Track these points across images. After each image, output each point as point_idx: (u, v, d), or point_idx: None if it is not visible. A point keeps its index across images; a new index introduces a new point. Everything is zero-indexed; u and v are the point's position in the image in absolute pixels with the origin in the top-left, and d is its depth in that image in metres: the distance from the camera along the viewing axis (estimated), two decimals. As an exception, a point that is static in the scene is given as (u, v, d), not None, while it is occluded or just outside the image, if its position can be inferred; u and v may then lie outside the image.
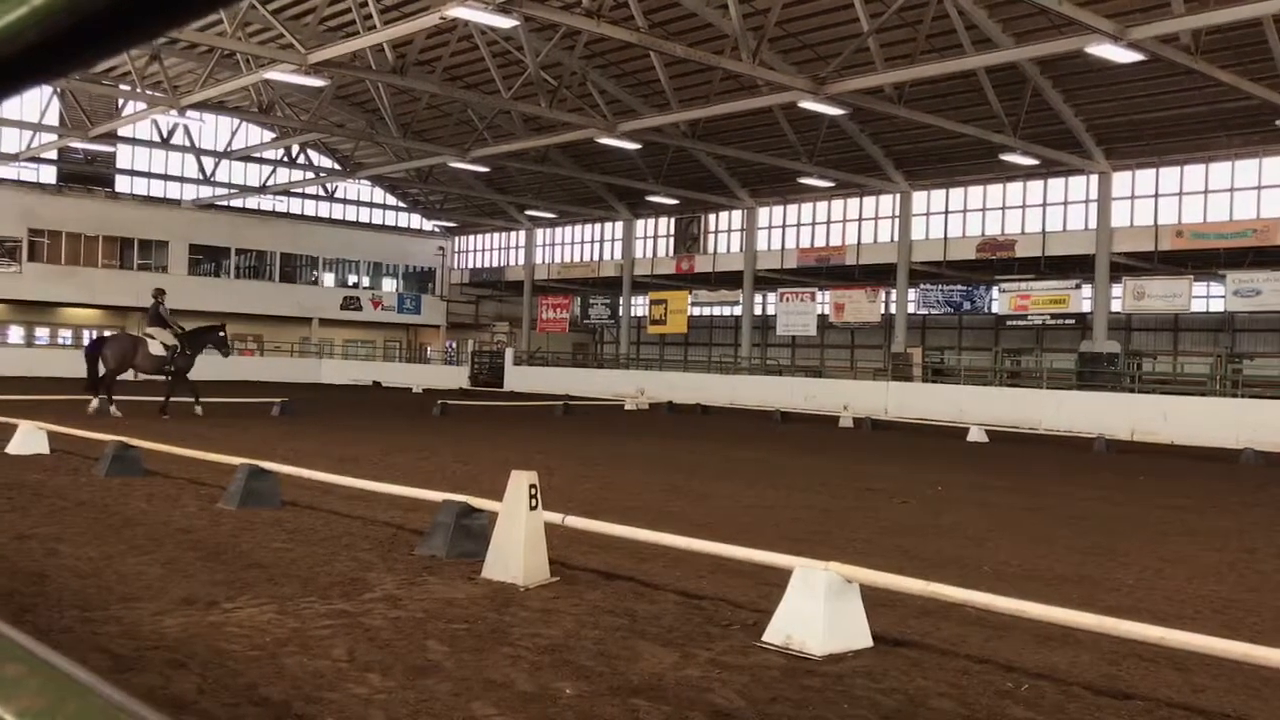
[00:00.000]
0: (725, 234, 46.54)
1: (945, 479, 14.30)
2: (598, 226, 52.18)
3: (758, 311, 46.89)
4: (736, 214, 45.24)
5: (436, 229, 59.19)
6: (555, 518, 6.86)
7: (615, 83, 35.13)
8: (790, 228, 43.86)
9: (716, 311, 50.33)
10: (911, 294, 40.00)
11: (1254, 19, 22.31)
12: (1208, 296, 35.97)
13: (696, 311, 48.98)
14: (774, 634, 5.31)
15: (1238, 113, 28.44)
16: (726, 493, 11.83)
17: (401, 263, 58.27)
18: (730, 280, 45.61)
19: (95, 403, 19.07)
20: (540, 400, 32.26)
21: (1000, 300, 37.84)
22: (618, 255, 50.35)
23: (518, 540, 6.47)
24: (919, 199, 38.99)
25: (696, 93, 30.46)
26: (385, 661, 4.76)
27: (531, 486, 6.57)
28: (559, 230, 54.15)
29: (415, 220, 58.52)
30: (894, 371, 34.99)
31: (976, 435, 23.42)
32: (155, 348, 19.50)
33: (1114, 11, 21.86)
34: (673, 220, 48.20)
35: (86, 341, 28.17)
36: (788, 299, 43.59)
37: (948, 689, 4.71)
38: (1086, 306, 34.96)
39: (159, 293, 20.13)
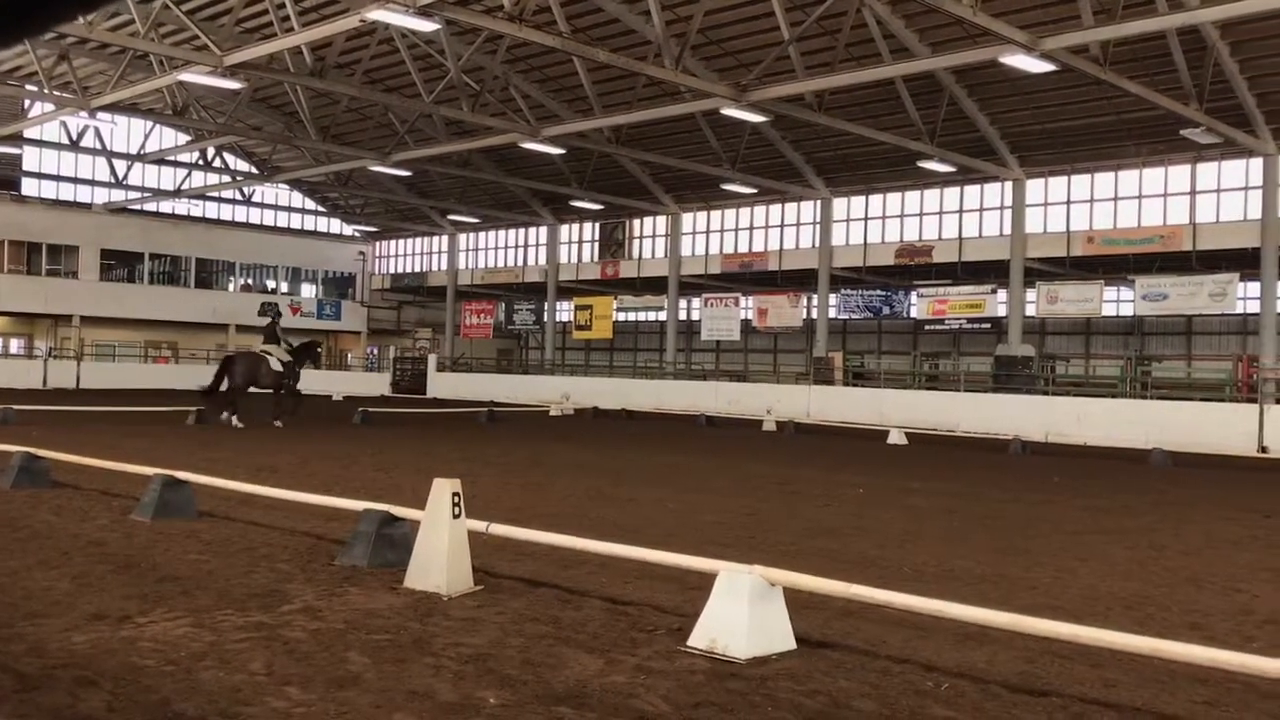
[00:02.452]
0: (650, 239, 46.68)
1: (866, 481, 14.50)
2: (522, 231, 51.96)
3: (682, 317, 47.09)
4: (661, 219, 45.42)
5: (357, 234, 58.44)
6: (479, 526, 6.80)
7: (538, 87, 35.05)
8: (714, 233, 44.15)
9: (641, 317, 50.45)
10: (832, 299, 40.51)
11: (1159, 32, 23.04)
12: (1118, 301, 36.99)
13: (621, 317, 49.03)
14: (699, 638, 5.32)
15: (1145, 122, 29.31)
16: (652, 497, 11.85)
17: (321, 268, 57.41)
18: (655, 285, 45.76)
19: (224, 414, 20.99)
20: (464, 407, 32.00)
21: (919, 305, 38.51)
22: (542, 260, 50.21)
23: (440, 549, 6.41)
24: (839, 205, 39.52)
25: (620, 98, 30.52)
26: (305, 674, 4.68)
27: (454, 495, 6.51)
28: (482, 235, 53.81)
29: (335, 225, 57.73)
30: (816, 375, 35.39)
31: (896, 437, 23.79)
32: (274, 364, 21.67)
33: (1027, 23, 22.40)
34: (597, 225, 48.23)
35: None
36: (712, 304, 43.86)
37: (869, 690, 4.76)
38: (1002, 311, 35.73)
39: (273, 310, 21.02)
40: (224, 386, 21.40)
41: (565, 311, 51.46)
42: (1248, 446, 22.23)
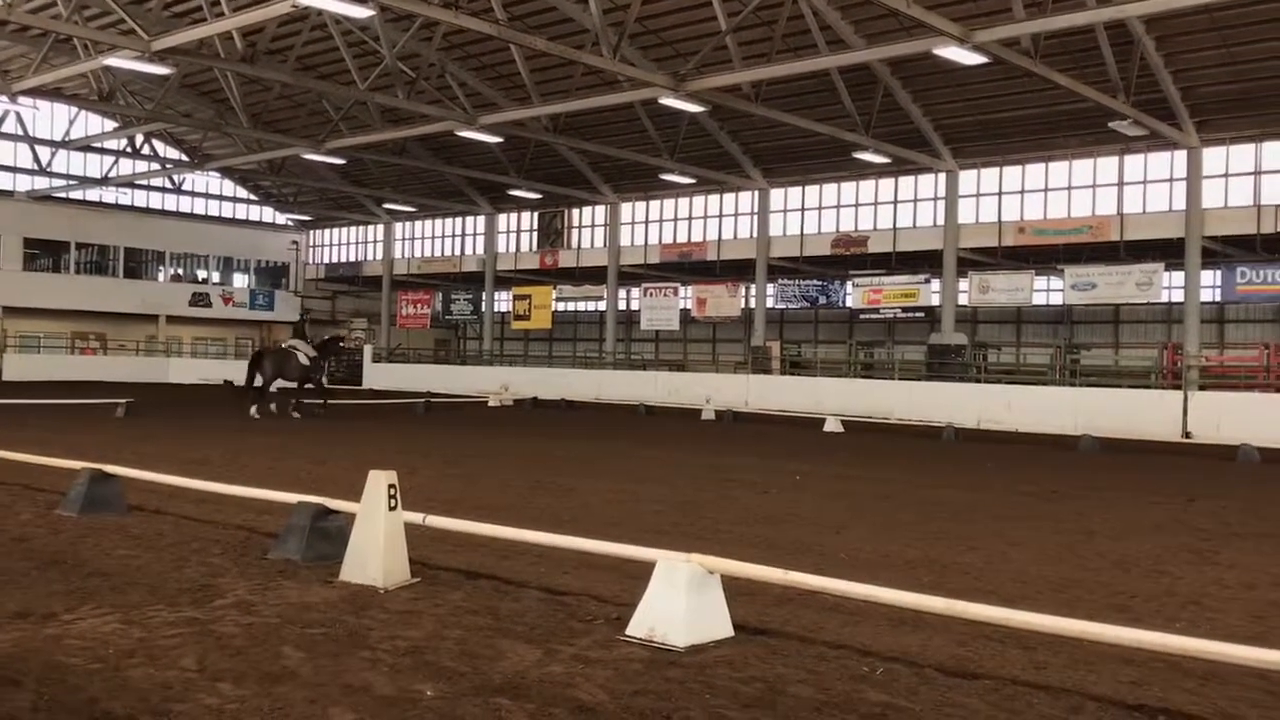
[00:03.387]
0: (589, 229, 46.60)
1: (803, 468, 14.63)
2: (459, 220, 51.57)
3: (622, 307, 47.11)
4: (600, 209, 45.34)
5: (290, 223, 57.60)
6: (416, 517, 6.75)
7: (475, 75, 34.77)
8: (653, 223, 44.19)
9: (581, 307, 50.36)
10: (770, 289, 40.78)
11: (1088, 25, 23.45)
12: (1048, 290, 37.70)
13: (561, 307, 48.90)
14: (637, 627, 5.33)
15: (1074, 114, 29.86)
16: (591, 487, 11.85)
17: (253, 257, 56.49)
18: (594, 275, 45.70)
19: (253, 410, 22.04)
20: (401, 398, 31.70)
21: (854, 295, 38.91)
22: (480, 250, 49.89)
23: (376, 541, 6.35)
24: (777, 196, 39.76)
25: (558, 87, 30.39)
26: (237, 670, 4.61)
27: (390, 486, 6.45)
28: (418, 224, 53.30)
29: (268, 214, 56.82)
30: (754, 364, 35.61)
31: (833, 425, 24.04)
32: (302, 359, 22.99)
33: (960, 15, 22.69)
34: (536, 215, 48.02)
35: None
36: (651, 294, 43.92)
37: (806, 675, 4.81)
38: (935, 300, 36.23)
39: (305, 312, 25.18)
40: (257, 382, 22.74)
41: (504, 301, 51.21)
42: (1173, 432, 22.79)
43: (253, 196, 55.70)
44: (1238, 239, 30.49)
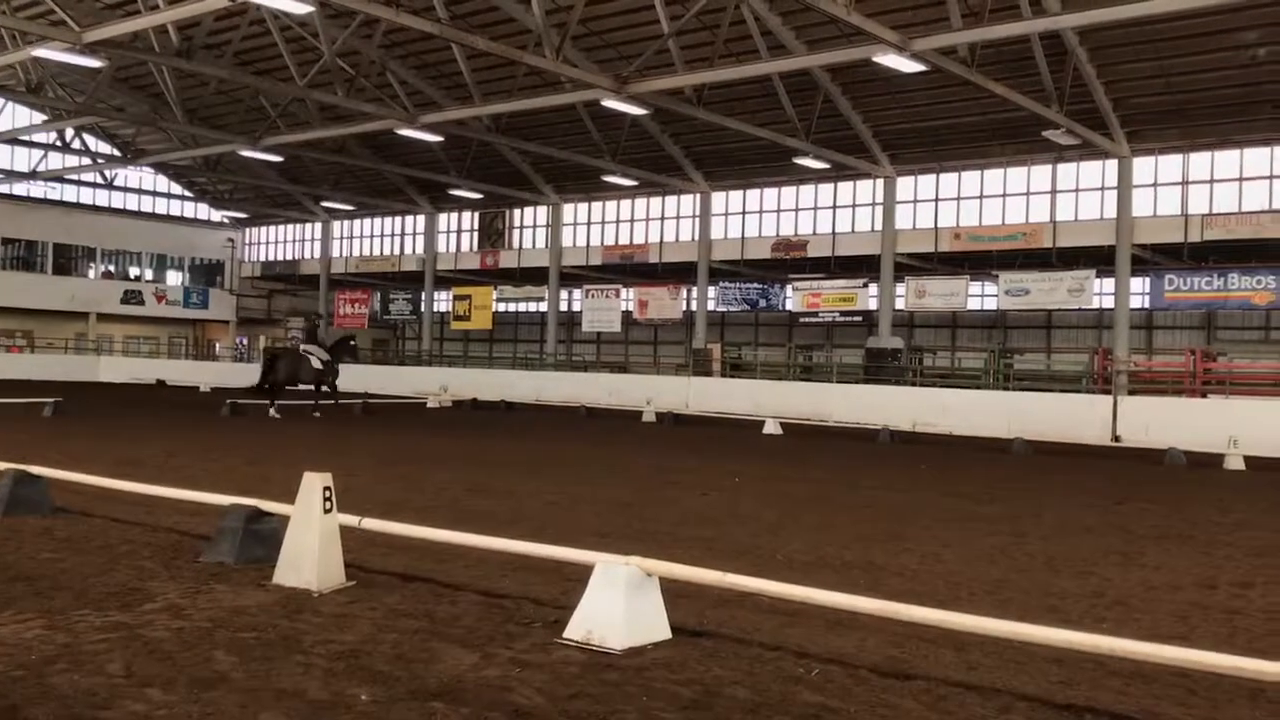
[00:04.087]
0: (530, 229, 46.44)
1: (742, 470, 14.70)
2: (398, 219, 51.12)
3: (563, 308, 47.01)
4: (542, 210, 45.22)
5: (225, 220, 56.68)
6: (351, 520, 6.67)
7: (416, 73, 34.50)
8: (595, 225, 44.16)
9: (522, 307, 50.16)
10: (711, 292, 40.95)
11: (1023, 36, 23.89)
12: (982, 295, 38.30)
13: (501, 307, 48.68)
14: (575, 630, 5.33)
15: (1009, 123, 30.38)
16: (531, 489, 11.80)
17: (188, 255, 55.50)
18: (536, 276, 45.54)
19: (272, 410, 22.99)
20: (338, 398, 31.28)
21: (794, 298, 39.22)
22: (419, 249, 49.48)
23: (311, 544, 6.27)
24: (718, 199, 39.95)
25: (500, 87, 30.26)
26: (167, 675, 4.52)
27: (326, 488, 6.37)
28: (357, 223, 52.74)
29: (203, 210, 55.86)
30: (695, 367, 35.74)
31: (772, 428, 24.20)
32: (315, 363, 23.85)
33: (898, 23, 22.97)
34: (477, 215, 47.74)
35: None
36: (593, 295, 43.88)
37: (742, 677, 4.84)
38: (873, 304, 36.64)
39: (317, 317, 27.07)
40: (270, 382, 23.77)
41: (443, 301, 50.86)
42: (1102, 435, 23.27)
43: (187, 193, 54.74)
44: (1166, 247, 31.23)
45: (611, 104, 26.99)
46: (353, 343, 26.30)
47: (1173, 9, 20.54)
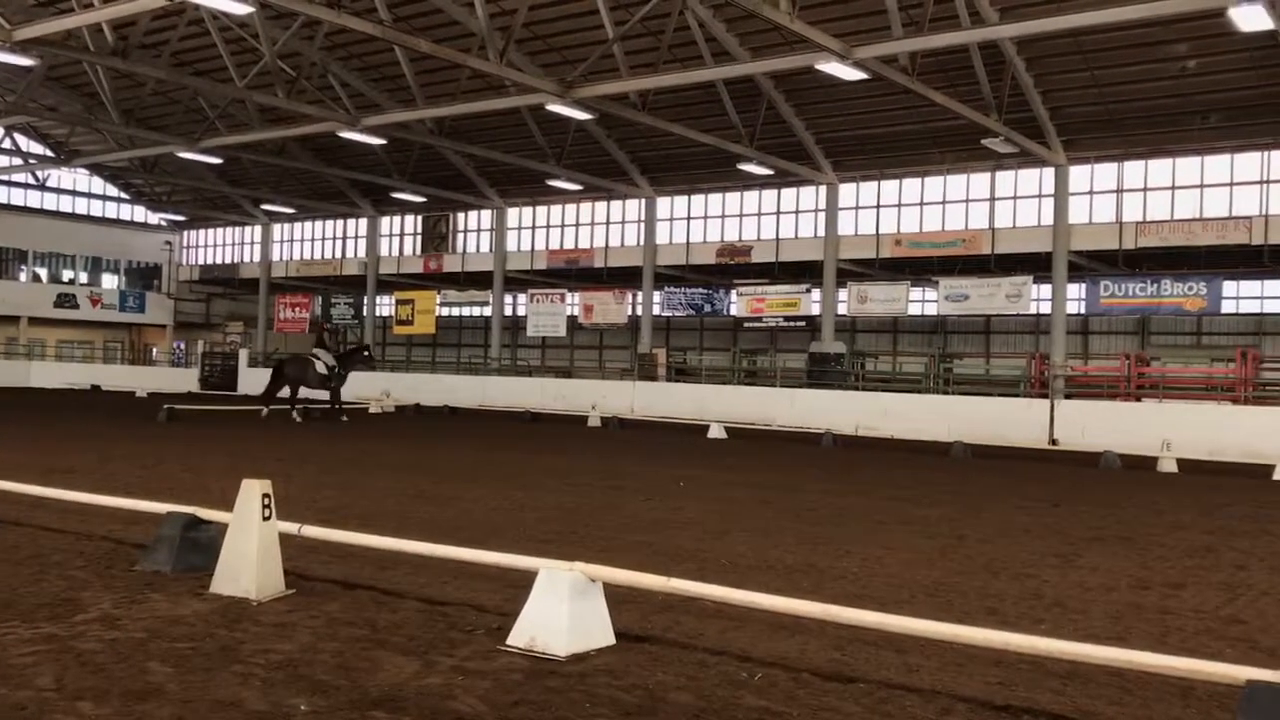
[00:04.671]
0: (474, 233, 46.19)
1: (687, 475, 14.74)
2: (340, 223, 50.58)
3: (508, 312, 46.84)
4: (486, 214, 45.01)
5: (163, 222, 55.71)
6: (291, 527, 6.59)
7: (358, 75, 34.19)
8: (540, 229, 44.05)
9: (465, 312, 49.88)
10: (656, 296, 41.04)
11: (963, 45, 24.26)
12: (923, 301, 38.79)
13: (445, 312, 48.37)
14: (518, 637, 5.30)
15: (950, 131, 30.82)
16: (474, 495, 11.73)
17: (124, 258, 54.47)
18: (479, 280, 45.32)
19: (295, 414, 24.39)
20: (278, 404, 30.88)
21: (738, 303, 39.43)
22: (361, 253, 49.00)
23: (249, 552, 6.18)
24: (663, 204, 40.05)
25: (443, 90, 30.09)
26: (99, 688, 4.42)
27: (265, 495, 6.28)
28: (298, 226, 52.10)
29: (139, 213, 54.85)
30: (640, 371, 35.79)
31: (716, 432, 24.30)
32: (320, 368, 24.81)
33: (841, 32, 23.21)
34: (420, 218, 47.39)
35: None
36: (537, 300, 43.77)
37: (686, 682, 4.84)
38: (816, 310, 36.95)
39: (327, 323, 26.78)
40: (284, 391, 24.87)
41: (386, 305, 50.41)
42: (1040, 439, 23.67)
43: (124, 195, 53.73)
44: (1101, 254, 31.86)
45: (556, 108, 26.95)
46: (367, 352, 27.05)
47: (1106, 21, 20.97)
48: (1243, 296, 35.20)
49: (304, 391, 25.61)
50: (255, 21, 25.21)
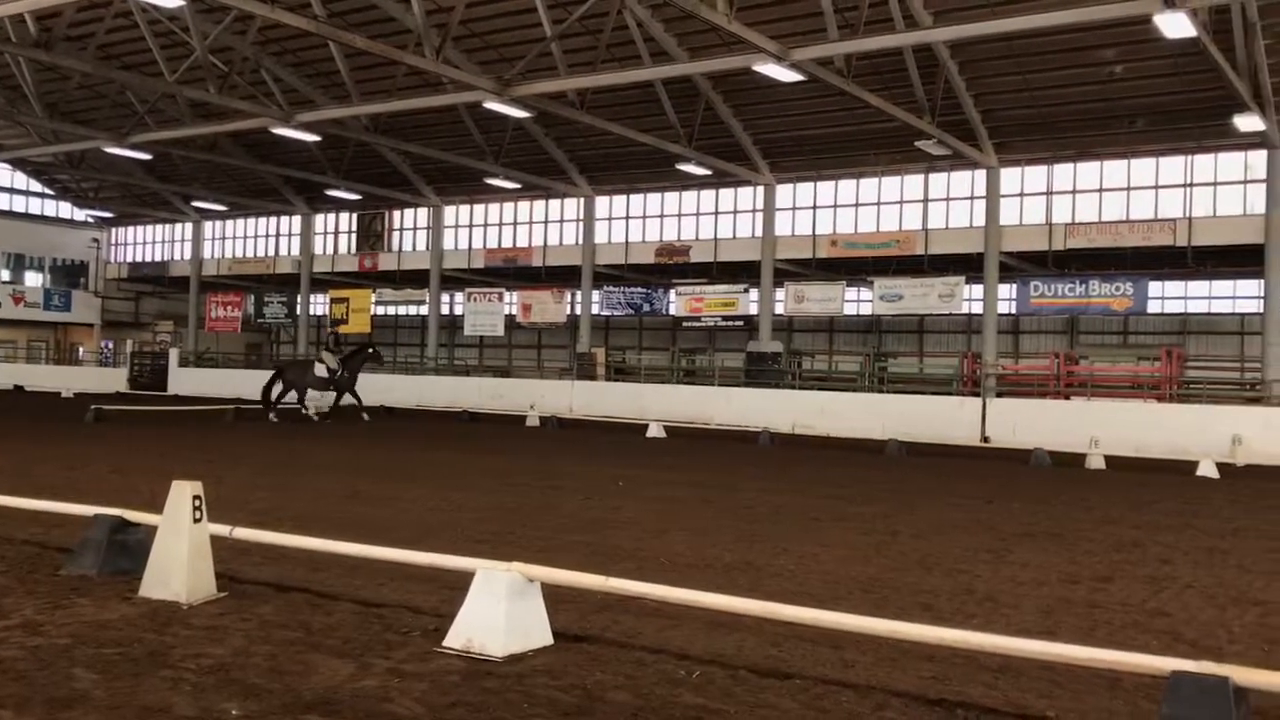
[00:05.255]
0: (411, 232, 45.76)
1: (626, 474, 14.75)
2: (273, 220, 49.82)
3: (445, 311, 46.48)
4: (422, 212, 44.62)
5: (90, 219, 54.42)
6: (222, 529, 6.49)
7: (292, 71, 33.71)
8: (477, 227, 43.77)
9: (402, 311, 49.40)
10: (595, 295, 40.99)
11: (897, 48, 24.55)
12: (858, 301, 39.19)
13: (381, 311, 47.86)
14: (455, 638, 5.26)
15: (884, 133, 31.17)
16: (411, 496, 11.63)
17: (49, 255, 53.08)
18: (416, 279, 44.91)
19: (311, 413, 25.15)
20: (209, 404, 30.36)
21: (677, 303, 39.53)
22: (295, 251, 48.31)
23: (180, 555, 6.06)
24: (602, 203, 40.03)
25: (379, 86, 29.76)
26: (21, 695, 4.31)
27: (195, 497, 6.17)
28: (230, 223, 51.22)
29: (65, 209, 53.51)
30: (579, 371, 35.73)
31: (655, 431, 24.35)
32: (320, 370, 25.41)
33: (778, 34, 23.36)
34: (355, 216, 46.84)
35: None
36: (475, 299, 43.49)
37: (624, 681, 4.84)
38: (754, 309, 37.18)
39: (334, 324, 28.17)
40: (278, 390, 25.22)
41: (320, 304, 49.76)
42: (972, 436, 24.06)
43: (49, 191, 52.38)
44: (1031, 255, 32.44)
45: (493, 106, 26.79)
46: (371, 350, 27.01)
47: (1037, 26, 21.35)
48: (1168, 297, 36.10)
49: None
50: (186, 15, 24.74)
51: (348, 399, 25.89)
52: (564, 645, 5.37)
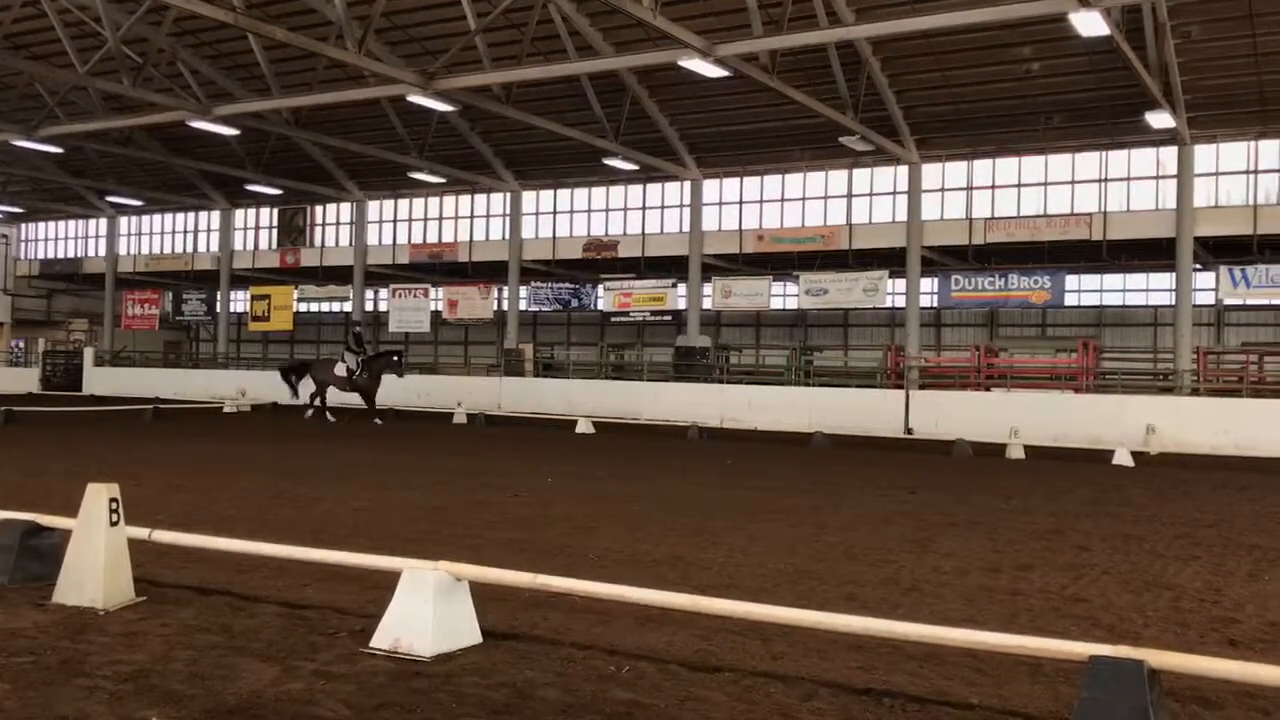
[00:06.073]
0: (334, 227, 45.06)
1: (555, 470, 14.71)
2: (192, 216, 48.72)
3: (369, 308, 45.87)
4: (345, 207, 43.98)
5: (-1, 214, 52.72)
6: (141, 532, 6.34)
7: (210, 63, 32.98)
8: (402, 223, 43.25)
9: (325, 307, 48.64)
10: (523, 291, 40.77)
11: (821, 45, 24.79)
12: (785, 295, 39.54)
13: (303, 308, 47.07)
14: (382, 639, 5.20)
15: (808, 129, 31.46)
16: (337, 495, 11.47)
17: (-46, 252, 51.37)
18: (339, 275, 44.24)
19: (328, 416, 25.34)
20: (127, 404, 29.63)
21: (605, 298, 39.50)
22: (215, 247, 47.31)
23: (95, 560, 5.90)
24: (529, 198, 39.82)
25: (300, 79, 29.25)
26: (-71, 709, 4.16)
27: (112, 500, 6.02)
28: (146, 219, 49.98)
29: (-29, 204, 51.77)
30: (507, 367, 35.53)
31: (584, 427, 24.33)
32: (340, 369, 25.51)
33: (703, 29, 23.44)
34: (276, 211, 46.01)
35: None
36: (400, 295, 42.97)
37: (554, 678, 4.83)
38: (682, 304, 37.31)
39: (357, 324, 28.88)
40: (298, 387, 25.59)
41: (240, 301, 48.82)
42: (896, 428, 24.42)
43: (-47, 184, 50.64)
44: (952, 249, 33.00)
45: (417, 100, 26.49)
46: (396, 356, 26.92)
47: (957, 24, 21.70)
48: (1084, 290, 37.02)
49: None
50: (97, 5, 24.06)
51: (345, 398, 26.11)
52: (493, 643, 5.34)
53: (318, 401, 25.90)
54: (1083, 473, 16.77)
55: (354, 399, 26.94)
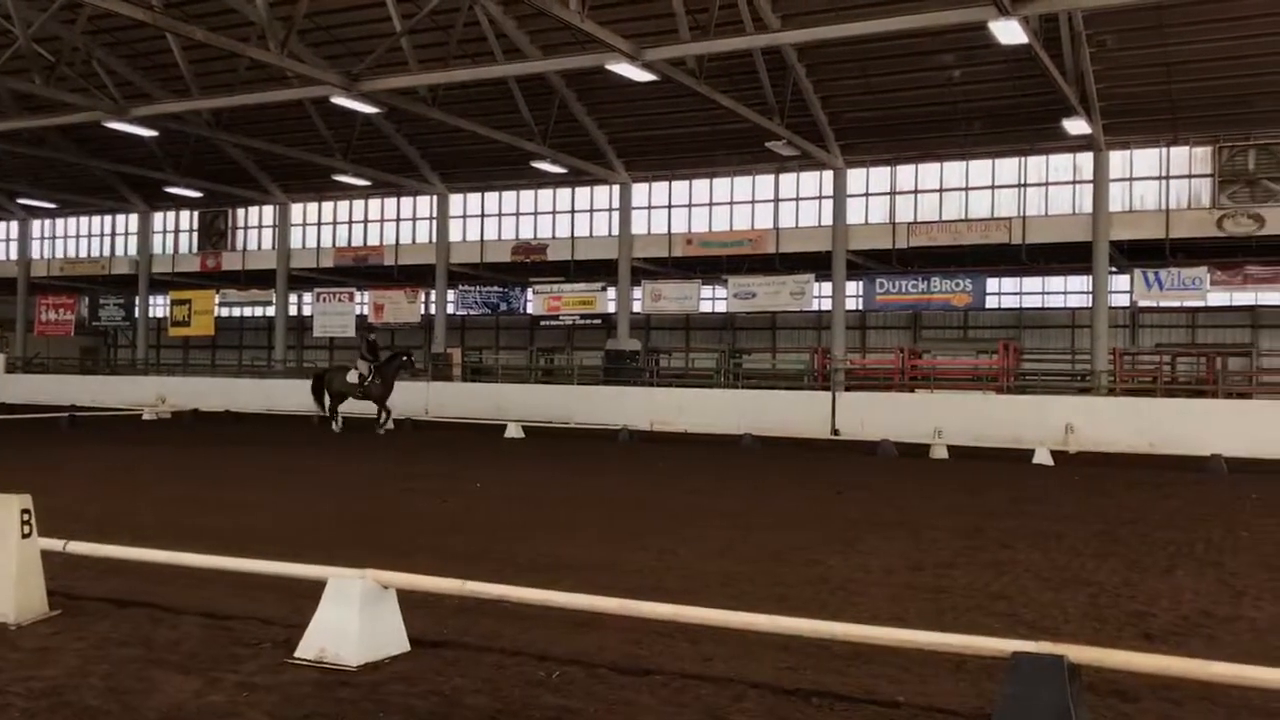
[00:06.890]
0: (256, 230, 44.28)
1: (484, 475, 14.62)
2: (108, 219, 47.53)
3: (293, 312, 45.16)
4: (268, 209, 43.24)
5: (-96, 216, 50.93)
6: (55, 544, 6.16)
7: (126, 63, 32.22)
8: (326, 226, 42.65)
9: (248, 312, 47.80)
10: (451, 295, 40.47)
11: (747, 50, 24.97)
12: (714, 298, 39.77)
13: (225, 312, 46.21)
14: (307, 649, 5.12)
15: (735, 134, 31.67)
16: (260, 503, 11.27)
17: None
18: (262, 279, 43.48)
19: (334, 425, 24.83)
20: (40, 412, 28.80)
21: (534, 301, 39.38)
22: (132, 250, 46.19)
23: (6, 573, 5.73)
24: (456, 201, 39.54)
25: (221, 80, 28.69)
26: None
27: (24, 511, 5.84)
28: (61, 222, 48.64)
29: (-125, 206, 49.92)
30: (434, 372, 35.22)
31: (514, 431, 24.19)
32: (352, 376, 24.86)
33: (631, 33, 23.48)
34: (196, 214, 45.08)
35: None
36: (325, 299, 42.40)
37: (482, 685, 4.79)
38: (611, 307, 37.33)
39: (369, 328, 29.22)
40: (333, 402, 24.95)
41: (160, 306, 47.75)
42: (823, 430, 24.68)
43: None
44: (877, 253, 33.47)
45: (341, 101, 26.14)
46: (406, 357, 26.07)
47: (880, 31, 22.00)
48: (1004, 293, 37.81)
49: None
50: (6, 2, 23.36)
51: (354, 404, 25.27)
52: (421, 651, 5.28)
53: (339, 412, 25.11)
54: (1004, 472, 17.10)
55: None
